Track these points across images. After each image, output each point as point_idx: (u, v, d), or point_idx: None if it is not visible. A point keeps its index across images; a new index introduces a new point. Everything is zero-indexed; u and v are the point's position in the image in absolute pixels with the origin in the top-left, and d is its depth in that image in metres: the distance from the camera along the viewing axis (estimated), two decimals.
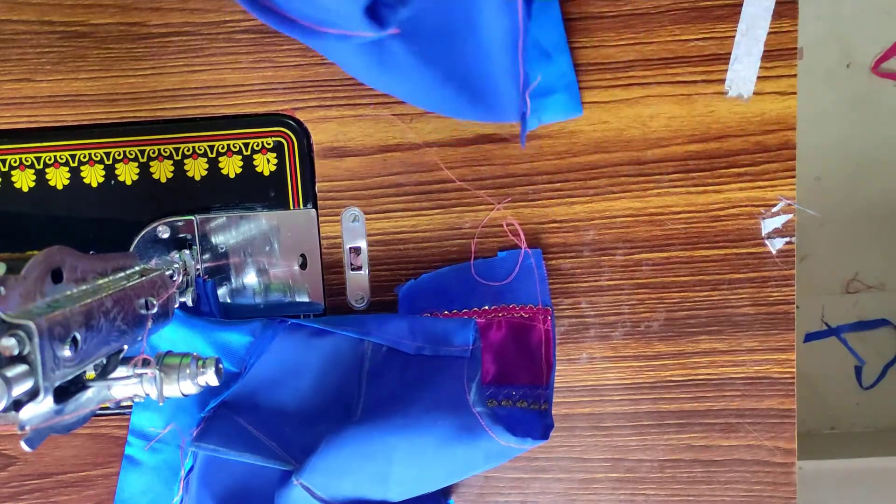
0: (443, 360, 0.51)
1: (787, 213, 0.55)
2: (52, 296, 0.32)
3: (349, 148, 0.55)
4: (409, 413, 0.48)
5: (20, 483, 0.58)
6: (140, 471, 0.56)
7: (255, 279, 0.56)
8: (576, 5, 0.53)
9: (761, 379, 0.57)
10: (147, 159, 0.55)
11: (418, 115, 0.55)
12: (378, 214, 0.56)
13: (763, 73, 0.54)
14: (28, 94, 0.54)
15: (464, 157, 0.55)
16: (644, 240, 0.56)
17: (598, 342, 0.57)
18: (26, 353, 0.29)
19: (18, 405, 0.30)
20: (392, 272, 0.56)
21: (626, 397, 0.57)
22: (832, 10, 1.31)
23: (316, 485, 0.47)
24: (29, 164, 0.55)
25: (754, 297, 0.56)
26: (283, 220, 0.55)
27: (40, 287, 0.31)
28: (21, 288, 0.30)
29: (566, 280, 0.56)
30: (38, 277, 0.31)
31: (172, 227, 0.55)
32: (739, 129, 0.54)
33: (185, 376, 0.40)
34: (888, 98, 1.33)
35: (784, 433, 0.57)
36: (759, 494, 0.58)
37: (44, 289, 0.32)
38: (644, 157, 0.55)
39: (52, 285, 0.32)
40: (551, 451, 0.58)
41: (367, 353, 0.53)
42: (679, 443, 0.58)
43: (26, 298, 0.30)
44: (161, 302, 0.42)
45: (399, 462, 0.47)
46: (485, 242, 0.56)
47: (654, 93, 0.54)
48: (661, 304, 0.56)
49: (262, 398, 0.53)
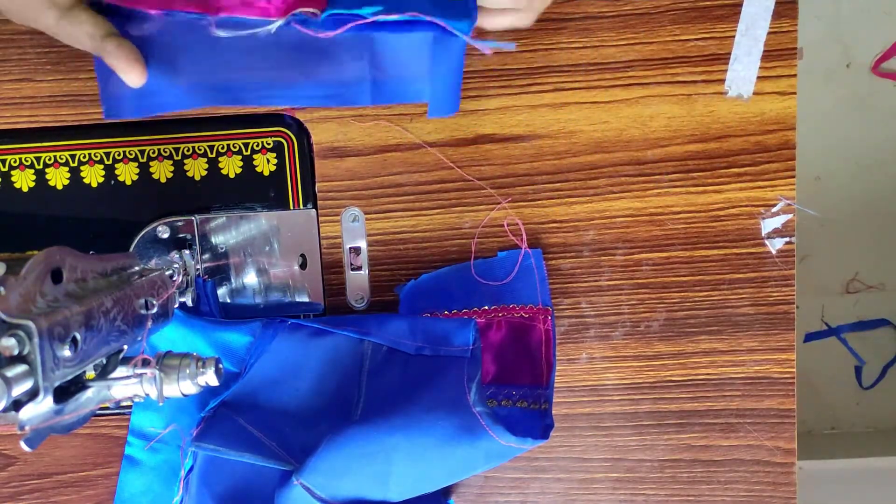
0: (443, 360, 0.51)
1: (787, 213, 0.55)
2: (52, 296, 0.32)
3: (349, 148, 0.55)
4: (410, 413, 0.48)
5: (20, 483, 0.58)
6: (140, 471, 0.56)
7: (254, 279, 0.56)
8: (576, 5, 0.53)
9: (761, 379, 0.57)
10: (147, 159, 0.55)
11: (418, 115, 0.55)
12: (378, 214, 0.56)
13: (763, 73, 0.54)
14: (28, 94, 0.54)
15: (464, 157, 0.55)
16: (644, 240, 0.56)
17: (598, 342, 0.57)
18: (26, 353, 0.29)
19: (18, 405, 0.30)
20: (392, 272, 0.56)
21: (626, 397, 0.57)
22: (832, 10, 1.31)
23: (316, 485, 0.47)
24: (29, 164, 0.55)
25: (754, 297, 0.56)
26: (283, 220, 0.55)
27: (40, 287, 0.31)
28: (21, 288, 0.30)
29: (566, 280, 0.56)
30: (38, 277, 0.31)
31: (172, 227, 0.55)
32: (739, 129, 0.54)
33: (184, 376, 0.40)
34: (888, 98, 1.33)
35: (784, 433, 0.57)
36: (759, 494, 0.58)
37: (44, 289, 0.32)
38: (644, 157, 0.55)
39: (52, 285, 0.32)
40: (551, 451, 0.58)
41: (367, 353, 0.53)
42: (679, 443, 0.58)
43: (26, 298, 0.30)
44: (161, 302, 0.42)
45: (399, 462, 0.47)
46: (485, 242, 0.56)
47: (654, 93, 0.54)
48: (661, 304, 0.56)
49: (262, 398, 0.53)
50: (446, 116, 0.51)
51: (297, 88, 0.49)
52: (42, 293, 0.31)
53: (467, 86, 0.54)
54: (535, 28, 0.54)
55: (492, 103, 0.54)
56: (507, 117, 0.55)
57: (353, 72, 0.49)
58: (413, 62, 0.48)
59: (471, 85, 0.54)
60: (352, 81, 0.49)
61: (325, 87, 0.49)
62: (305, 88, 0.50)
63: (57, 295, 0.33)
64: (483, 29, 0.48)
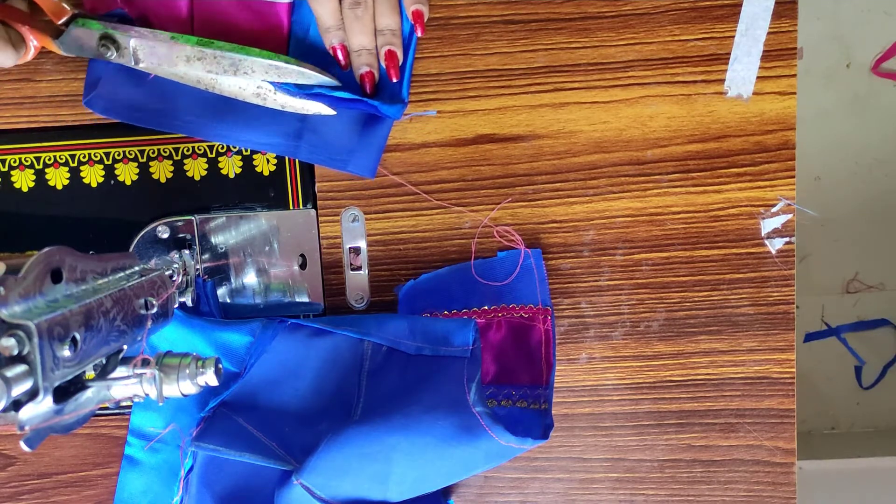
0: (443, 361, 0.51)
1: (787, 213, 0.55)
2: (51, 296, 0.32)
3: None
4: (409, 413, 0.48)
5: (20, 483, 0.58)
6: (140, 471, 0.56)
7: (254, 279, 0.56)
8: (576, 5, 0.53)
9: (761, 379, 0.57)
10: (147, 159, 0.55)
11: (418, 115, 0.55)
12: (378, 214, 0.56)
13: (763, 73, 0.54)
14: (28, 94, 0.54)
15: (464, 157, 0.55)
16: (644, 240, 0.56)
17: (597, 342, 0.57)
18: (26, 353, 0.29)
19: (18, 405, 0.30)
20: (392, 272, 0.56)
21: (625, 397, 0.57)
22: (832, 10, 1.31)
23: (316, 485, 0.47)
24: (29, 164, 0.55)
25: (754, 297, 0.56)
26: (283, 220, 0.55)
27: (40, 287, 0.31)
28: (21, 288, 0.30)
29: (566, 280, 0.56)
30: (38, 277, 0.31)
31: (172, 227, 0.55)
32: (739, 129, 0.54)
33: (184, 376, 0.40)
34: (888, 98, 1.33)
35: (784, 433, 0.57)
36: (759, 494, 0.58)
37: (43, 289, 0.32)
38: (644, 157, 0.55)
39: (51, 285, 0.32)
40: (551, 451, 0.58)
41: (366, 354, 0.53)
42: (679, 443, 0.58)
43: (26, 298, 0.30)
44: (161, 302, 0.42)
45: (399, 462, 0.47)
46: (485, 242, 0.56)
47: (653, 93, 0.54)
48: (661, 304, 0.56)
49: (261, 398, 0.53)
50: (366, 178, 0.55)
51: (239, 132, 0.53)
52: (42, 293, 0.31)
53: (467, 86, 0.54)
54: (535, 28, 0.54)
55: (492, 103, 0.54)
56: (507, 117, 0.55)
57: (291, 127, 0.53)
58: (344, 133, 0.53)
59: (471, 85, 0.54)
60: (290, 135, 0.53)
61: (266, 136, 0.53)
62: (246, 133, 0.53)
63: (57, 295, 0.33)
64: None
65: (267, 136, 0.53)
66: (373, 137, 0.54)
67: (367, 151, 0.54)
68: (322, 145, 0.54)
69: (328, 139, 0.54)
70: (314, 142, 0.53)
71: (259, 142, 0.53)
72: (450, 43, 0.54)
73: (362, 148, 0.54)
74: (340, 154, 0.54)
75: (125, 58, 0.50)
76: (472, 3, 0.54)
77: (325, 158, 0.54)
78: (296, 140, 0.53)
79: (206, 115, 0.53)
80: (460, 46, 0.54)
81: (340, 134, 0.53)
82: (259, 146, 0.54)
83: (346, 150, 0.54)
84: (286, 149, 0.53)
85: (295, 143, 0.53)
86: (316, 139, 0.53)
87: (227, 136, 0.53)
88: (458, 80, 0.54)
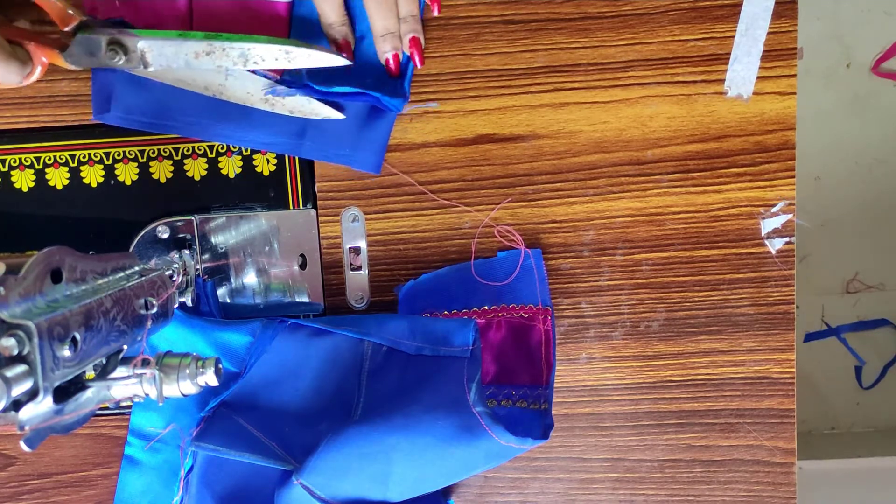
0: (443, 361, 0.51)
1: (787, 213, 0.55)
2: (51, 296, 0.32)
3: None
4: (409, 413, 0.48)
5: (20, 483, 0.58)
6: (140, 471, 0.56)
7: (254, 279, 0.56)
8: (576, 5, 0.53)
9: (761, 379, 0.57)
10: (147, 159, 0.55)
11: (418, 114, 0.55)
12: (378, 214, 0.56)
13: (763, 73, 0.54)
14: (28, 94, 0.54)
15: (464, 157, 0.55)
16: (644, 240, 0.56)
17: (597, 342, 0.57)
18: (26, 353, 0.29)
19: (18, 405, 0.30)
20: (392, 272, 0.56)
21: (625, 397, 0.57)
22: (832, 10, 1.32)
23: (316, 485, 0.47)
24: (29, 164, 0.55)
25: (754, 297, 0.56)
26: (283, 220, 0.55)
27: (40, 287, 0.31)
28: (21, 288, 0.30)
29: (566, 280, 0.56)
30: (38, 277, 0.31)
31: (172, 227, 0.55)
32: (739, 129, 0.54)
33: (184, 376, 0.40)
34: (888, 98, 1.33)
35: (784, 433, 0.57)
36: (759, 494, 0.58)
37: (43, 289, 0.32)
38: (644, 157, 0.55)
39: (51, 285, 0.32)
40: (551, 451, 0.58)
41: (366, 354, 0.53)
42: (679, 443, 0.58)
43: (26, 298, 0.30)
44: (161, 302, 0.42)
45: (399, 462, 0.47)
46: (485, 242, 0.56)
47: (653, 93, 0.54)
48: (661, 304, 0.56)
49: (262, 398, 0.53)
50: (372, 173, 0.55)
51: (244, 132, 0.54)
52: (42, 293, 0.31)
53: (467, 86, 0.54)
54: (535, 28, 0.54)
55: (492, 103, 0.54)
56: (507, 117, 0.55)
57: (294, 126, 0.54)
58: (347, 130, 0.54)
59: (471, 85, 0.54)
60: (294, 133, 0.54)
61: (270, 135, 0.54)
62: (250, 132, 0.54)
63: (57, 295, 0.33)
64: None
65: (271, 135, 0.53)
66: (376, 133, 0.54)
67: (371, 147, 0.54)
68: (326, 142, 0.54)
69: (332, 136, 0.54)
70: (318, 139, 0.54)
71: (263, 141, 0.54)
72: (450, 43, 0.54)
73: (366, 144, 0.54)
74: (345, 150, 0.54)
75: (133, 62, 0.49)
76: (472, 3, 0.54)
77: (329, 155, 0.54)
78: (299, 138, 0.54)
79: (211, 116, 0.53)
80: (460, 46, 0.54)
81: (344, 131, 0.54)
82: (263, 146, 0.54)
83: (350, 147, 0.54)
84: (290, 147, 0.54)
85: (298, 142, 0.54)
86: (319, 136, 0.54)
87: (232, 136, 0.53)
88: (458, 80, 0.54)
